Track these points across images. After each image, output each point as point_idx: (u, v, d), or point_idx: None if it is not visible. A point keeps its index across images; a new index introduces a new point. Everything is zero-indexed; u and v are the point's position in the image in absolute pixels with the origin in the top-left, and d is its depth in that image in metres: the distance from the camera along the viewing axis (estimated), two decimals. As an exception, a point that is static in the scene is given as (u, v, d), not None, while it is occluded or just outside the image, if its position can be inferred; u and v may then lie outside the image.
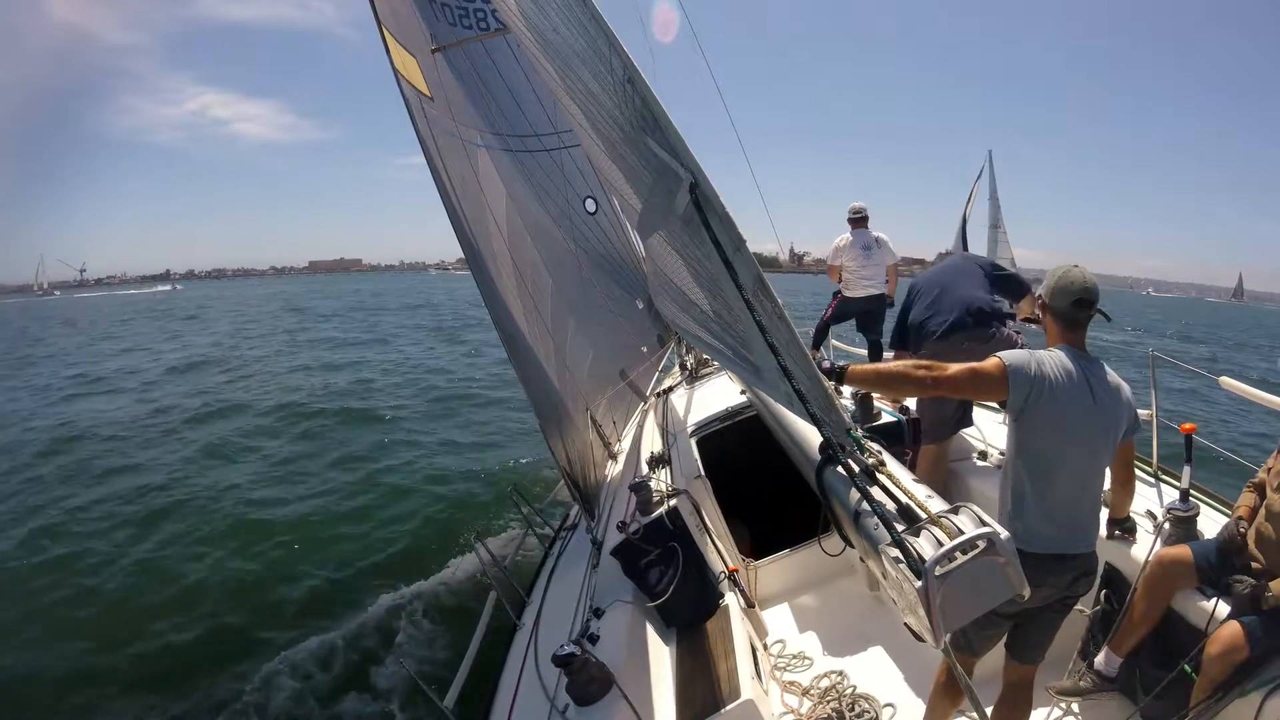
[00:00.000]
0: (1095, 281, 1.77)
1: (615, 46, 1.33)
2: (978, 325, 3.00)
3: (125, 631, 4.66)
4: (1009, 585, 1.05)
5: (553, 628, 2.43)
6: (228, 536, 6.07)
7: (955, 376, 1.71)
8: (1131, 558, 2.28)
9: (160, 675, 4.22)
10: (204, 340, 22.39)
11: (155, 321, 34.43)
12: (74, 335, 28.15)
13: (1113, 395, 1.74)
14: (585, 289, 4.58)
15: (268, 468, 7.99)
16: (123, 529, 6.27)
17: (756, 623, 2.73)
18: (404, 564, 5.47)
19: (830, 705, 2.39)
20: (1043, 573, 1.69)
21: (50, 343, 25.21)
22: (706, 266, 1.45)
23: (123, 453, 8.78)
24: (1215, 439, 2.87)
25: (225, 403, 11.29)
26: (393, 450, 8.44)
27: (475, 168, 3.67)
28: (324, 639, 4.41)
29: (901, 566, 1.03)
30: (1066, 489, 1.73)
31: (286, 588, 5.20)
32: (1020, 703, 1.94)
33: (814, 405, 1.29)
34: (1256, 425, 9.63)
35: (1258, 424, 9.64)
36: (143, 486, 7.32)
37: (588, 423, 3.64)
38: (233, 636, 4.59)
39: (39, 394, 13.49)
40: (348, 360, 16.13)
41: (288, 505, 6.72)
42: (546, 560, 3.29)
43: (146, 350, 20.15)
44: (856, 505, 1.23)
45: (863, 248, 5.25)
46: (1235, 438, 8.78)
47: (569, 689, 1.85)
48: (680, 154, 1.30)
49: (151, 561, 5.66)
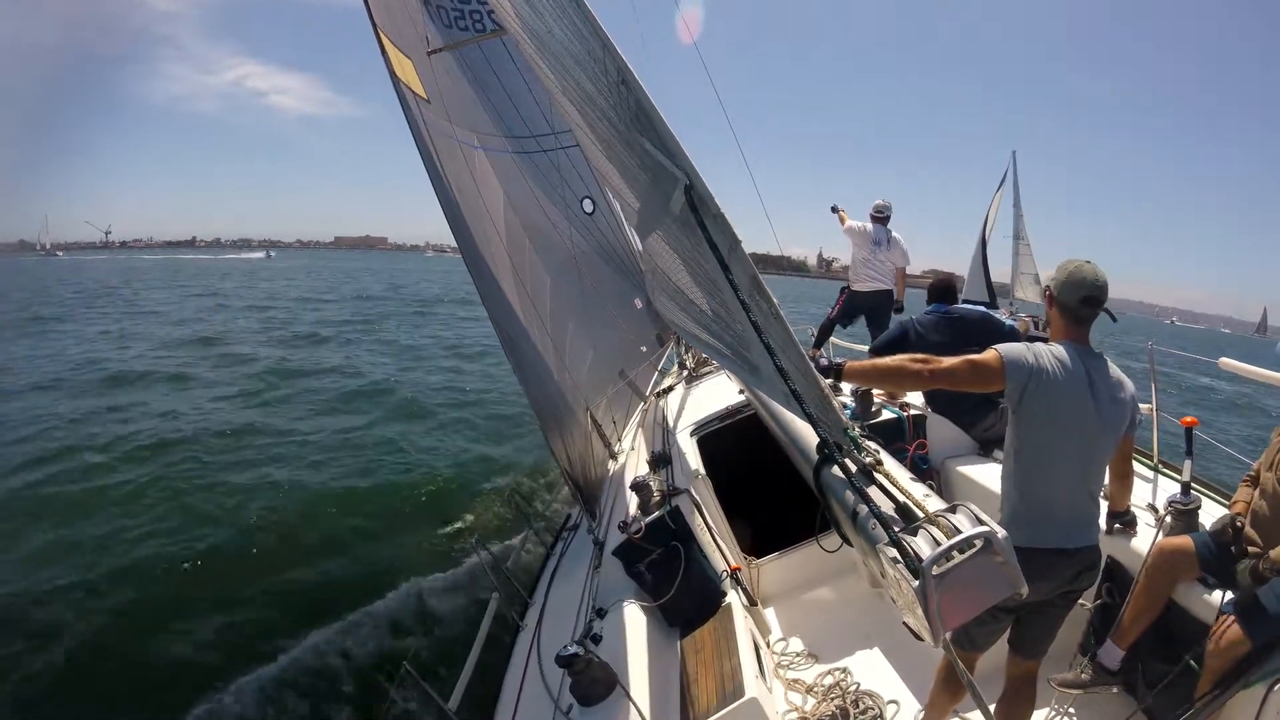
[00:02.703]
0: (1106, 279, 1.74)
1: (609, 47, 1.33)
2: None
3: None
4: (1007, 583, 1.06)
5: (555, 628, 2.44)
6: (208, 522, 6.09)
7: (953, 368, 1.71)
8: (1133, 551, 2.28)
9: (156, 680, 4.20)
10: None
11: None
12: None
13: (1115, 391, 1.73)
14: (584, 289, 4.59)
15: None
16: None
17: (759, 621, 2.73)
18: (406, 566, 5.47)
19: (834, 702, 2.40)
20: (1045, 568, 1.69)
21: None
22: (703, 266, 1.45)
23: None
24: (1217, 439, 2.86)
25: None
26: (393, 450, 8.45)
27: (473, 169, 3.67)
28: (326, 642, 4.42)
29: (899, 566, 1.03)
30: (1066, 483, 1.73)
31: (285, 589, 5.20)
32: (1023, 698, 1.94)
33: (810, 405, 1.29)
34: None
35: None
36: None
37: (588, 423, 3.64)
38: (231, 639, 4.59)
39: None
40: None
41: (285, 508, 6.72)
42: (548, 561, 3.30)
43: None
44: (854, 505, 1.23)
45: (874, 242, 5.44)
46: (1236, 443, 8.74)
47: (573, 689, 1.85)
48: (675, 155, 1.31)
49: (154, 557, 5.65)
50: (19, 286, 36.07)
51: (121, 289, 34.24)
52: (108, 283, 39.24)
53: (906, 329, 3.48)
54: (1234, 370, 2.75)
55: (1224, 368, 2.80)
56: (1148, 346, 3.01)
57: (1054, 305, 1.80)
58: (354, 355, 14.78)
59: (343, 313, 24.06)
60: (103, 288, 35.22)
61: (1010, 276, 18.06)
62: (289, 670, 4.18)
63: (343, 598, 5.02)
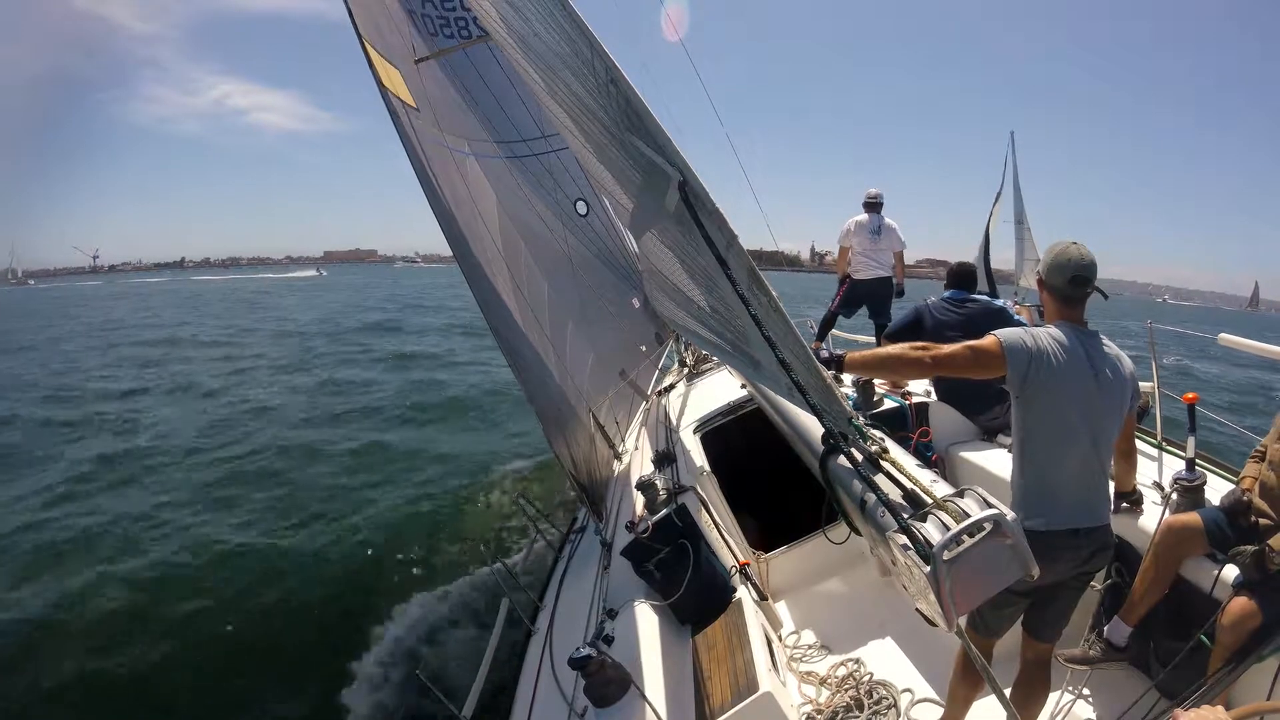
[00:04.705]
0: (1093, 257, 1.76)
1: (596, 48, 1.33)
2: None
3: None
4: (1018, 566, 1.06)
5: (567, 631, 2.43)
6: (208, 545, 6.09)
7: (953, 355, 1.72)
8: (1141, 529, 2.28)
9: (169, 689, 4.21)
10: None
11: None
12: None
13: (1113, 368, 1.74)
14: (581, 291, 4.59)
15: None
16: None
17: (770, 615, 2.73)
18: (415, 575, 5.47)
19: (848, 694, 2.40)
20: (1057, 549, 1.69)
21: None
22: (700, 263, 1.45)
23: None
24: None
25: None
26: (395, 458, 8.45)
27: (465, 176, 3.67)
28: (337, 652, 4.42)
29: (910, 553, 1.03)
30: (1074, 463, 1.73)
31: (294, 600, 5.19)
32: (1038, 681, 1.94)
33: (814, 396, 1.29)
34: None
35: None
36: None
37: (591, 424, 3.64)
38: (242, 650, 4.59)
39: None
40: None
41: (290, 517, 6.72)
42: (557, 564, 3.30)
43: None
44: (861, 494, 1.23)
45: (871, 231, 5.47)
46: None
47: (587, 691, 1.85)
48: (668, 152, 1.30)
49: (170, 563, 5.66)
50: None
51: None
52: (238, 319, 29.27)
53: (921, 313, 3.44)
54: (1234, 345, 2.75)
55: (1224, 343, 2.80)
56: (1147, 325, 3.01)
57: (1045, 289, 1.82)
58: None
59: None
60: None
61: (1014, 264, 17.68)
62: (300, 683, 4.18)
63: (351, 608, 5.02)
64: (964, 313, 3.33)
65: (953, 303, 3.40)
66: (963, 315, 3.31)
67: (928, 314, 3.40)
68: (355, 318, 26.90)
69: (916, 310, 3.48)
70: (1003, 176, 16.85)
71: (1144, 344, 2.91)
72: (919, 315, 3.43)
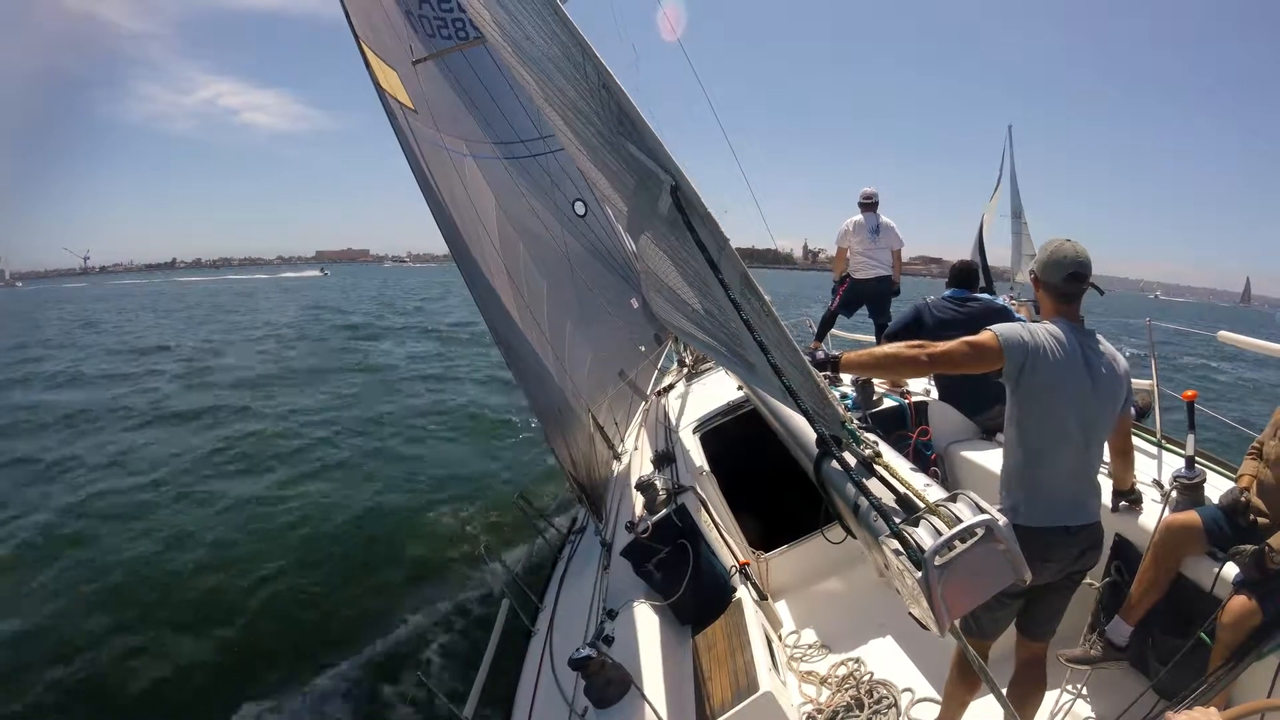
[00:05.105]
0: (1088, 255, 1.76)
1: (588, 52, 1.33)
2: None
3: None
4: (1010, 570, 1.05)
5: (567, 632, 2.44)
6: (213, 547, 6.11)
7: (950, 351, 1.72)
8: (1140, 528, 2.28)
9: (169, 690, 4.23)
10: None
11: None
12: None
13: (1108, 366, 1.74)
14: (580, 291, 4.59)
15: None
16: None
17: (770, 615, 2.73)
18: (414, 575, 5.49)
19: (849, 693, 2.40)
20: (1048, 547, 1.70)
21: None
22: (694, 266, 1.45)
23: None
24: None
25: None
26: (394, 461, 8.46)
27: (463, 177, 3.67)
28: (337, 653, 4.43)
29: (902, 558, 1.03)
30: (1066, 460, 1.73)
31: (295, 603, 5.21)
32: (1034, 680, 1.94)
33: (806, 400, 1.29)
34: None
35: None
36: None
37: (591, 425, 3.64)
38: (241, 651, 4.60)
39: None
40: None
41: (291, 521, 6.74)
42: (557, 564, 3.30)
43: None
44: (855, 498, 1.23)
45: (870, 231, 5.44)
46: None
47: (587, 692, 1.85)
48: (659, 157, 1.30)
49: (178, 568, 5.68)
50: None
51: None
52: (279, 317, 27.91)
53: (921, 312, 3.41)
54: (1233, 343, 2.73)
55: (1223, 340, 2.79)
56: (1146, 323, 3.00)
57: (1040, 286, 1.82)
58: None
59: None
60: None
61: (1011, 260, 17.38)
62: (302, 684, 4.19)
63: (352, 611, 5.04)
64: (966, 312, 3.29)
65: (954, 301, 3.37)
66: (965, 314, 3.27)
67: (928, 313, 3.37)
68: (339, 319, 26.68)
69: (916, 309, 3.45)
70: (1000, 170, 16.63)
71: (1153, 341, 2.88)
72: (919, 314, 3.40)
